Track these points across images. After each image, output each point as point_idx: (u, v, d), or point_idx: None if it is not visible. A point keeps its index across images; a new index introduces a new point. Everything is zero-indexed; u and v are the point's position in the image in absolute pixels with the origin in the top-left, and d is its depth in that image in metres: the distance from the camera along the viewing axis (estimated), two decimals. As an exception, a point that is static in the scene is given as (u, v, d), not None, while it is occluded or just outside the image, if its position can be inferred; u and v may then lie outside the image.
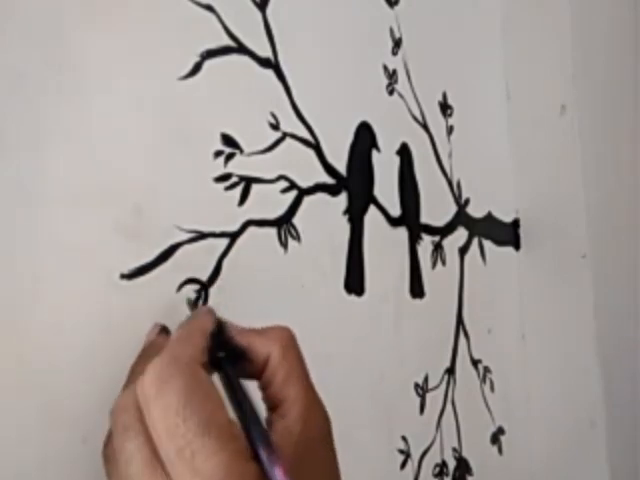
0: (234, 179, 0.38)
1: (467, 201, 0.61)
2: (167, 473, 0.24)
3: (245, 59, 0.40)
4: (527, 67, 0.67)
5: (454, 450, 0.55)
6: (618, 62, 0.64)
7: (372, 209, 0.49)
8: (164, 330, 0.32)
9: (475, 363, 0.59)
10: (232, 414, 0.26)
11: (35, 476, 0.29)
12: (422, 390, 0.52)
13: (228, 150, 0.38)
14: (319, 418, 0.29)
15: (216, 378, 0.28)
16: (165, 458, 0.24)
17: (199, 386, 0.25)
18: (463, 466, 0.56)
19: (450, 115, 0.60)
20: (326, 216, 0.45)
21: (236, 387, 0.27)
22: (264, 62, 0.41)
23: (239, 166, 0.39)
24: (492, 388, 0.61)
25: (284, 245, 0.41)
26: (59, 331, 0.30)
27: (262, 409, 0.29)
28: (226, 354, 0.29)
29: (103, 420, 0.31)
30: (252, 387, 0.29)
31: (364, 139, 0.49)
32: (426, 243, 0.55)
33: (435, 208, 0.56)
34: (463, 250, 0.60)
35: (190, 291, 0.35)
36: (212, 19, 0.38)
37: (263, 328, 0.31)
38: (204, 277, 0.36)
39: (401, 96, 0.54)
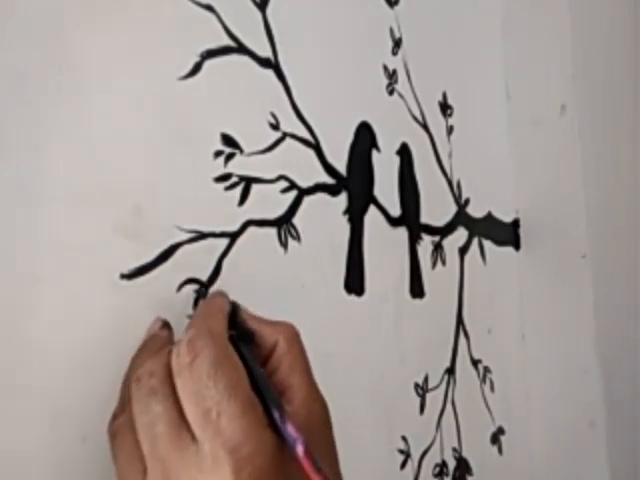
0: (234, 179, 0.38)
1: (467, 201, 0.61)
2: (192, 433, 0.26)
3: (245, 59, 0.40)
4: (527, 67, 0.67)
5: (454, 450, 0.55)
6: (618, 62, 0.64)
7: (372, 209, 0.49)
8: (166, 325, 0.33)
9: (475, 363, 0.59)
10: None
11: (35, 476, 0.29)
12: (422, 390, 0.52)
13: (228, 150, 0.38)
14: (320, 405, 0.31)
15: None
16: (192, 419, 0.26)
17: (228, 356, 0.27)
18: (463, 466, 0.56)
19: (450, 115, 0.60)
20: (326, 216, 0.45)
21: (250, 362, 0.29)
22: (264, 62, 0.41)
23: (239, 166, 0.39)
24: (492, 388, 0.61)
25: (284, 245, 0.41)
26: (59, 331, 0.30)
27: None
28: (238, 334, 0.31)
29: (103, 420, 0.31)
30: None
31: (364, 139, 0.49)
32: (426, 243, 0.55)
33: (435, 208, 0.56)
34: (463, 250, 0.60)
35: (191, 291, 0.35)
36: (212, 19, 0.38)
37: (272, 320, 0.33)
38: (204, 277, 0.36)
39: (401, 96, 0.54)
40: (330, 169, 0.46)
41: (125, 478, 0.27)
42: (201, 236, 0.36)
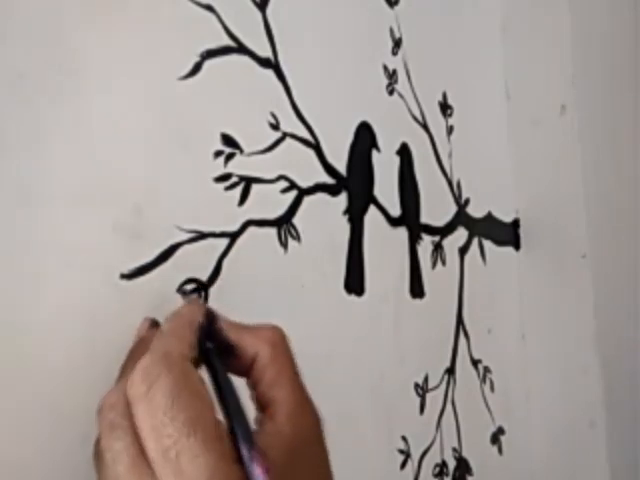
0: (234, 179, 0.38)
1: (467, 201, 0.61)
2: (153, 472, 0.24)
3: (245, 59, 0.40)
4: (527, 67, 0.67)
5: (454, 450, 0.55)
6: (618, 62, 0.64)
7: (372, 209, 0.49)
8: (154, 324, 0.31)
9: (475, 363, 0.59)
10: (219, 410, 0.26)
11: (35, 476, 0.29)
12: (422, 390, 0.52)
13: (228, 150, 0.38)
14: (309, 419, 0.29)
15: (204, 371, 0.28)
16: (151, 457, 0.24)
17: (188, 384, 0.25)
18: (463, 466, 0.56)
19: (450, 115, 0.60)
20: (326, 216, 0.45)
21: (222, 381, 0.27)
22: (264, 62, 0.41)
23: (239, 166, 0.39)
24: (492, 388, 0.61)
25: (284, 245, 0.41)
26: (59, 331, 0.30)
27: (250, 405, 0.28)
28: (214, 346, 0.29)
29: (103, 420, 0.31)
30: (241, 385, 0.29)
31: (364, 139, 0.49)
32: (426, 243, 0.55)
33: (435, 208, 0.56)
34: (463, 250, 0.60)
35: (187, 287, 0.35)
36: (212, 19, 0.38)
37: (255, 326, 0.30)
38: (204, 277, 0.36)
39: (401, 96, 0.54)
40: (330, 169, 0.46)
41: None
42: (201, 236, 0.36)
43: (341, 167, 0.47)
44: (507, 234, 0.67)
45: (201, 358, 0.28)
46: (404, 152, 0.53)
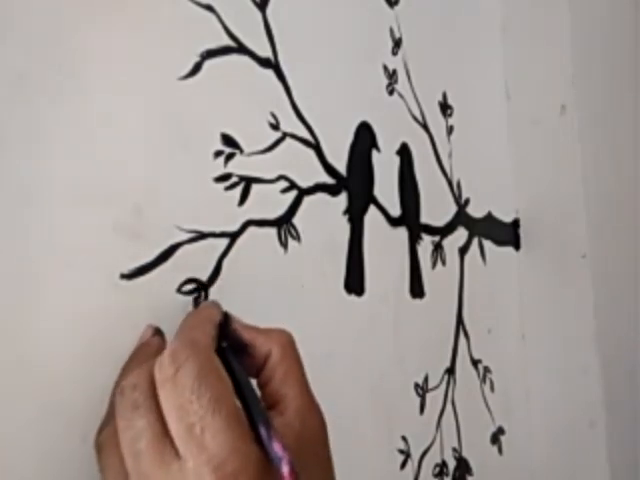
0: (234, 179, 0.38)
1: (467, 201, 0.61)
2: (176, 449, 0.25)
3: (245, 59, 0.40)
4: (527, 67, 0.67)
5: (454, 450, 0.55)
6: (618, 62, 0.64)
7: (372, 209, 0.49)
8: (157, 332, 0.32)
9: (475, 363, 0.59)
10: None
11: (35, 476, 0.29)
12: (422, 390, 0.52)
13: (228, 150, 0.38)
14: (316, 420, 0.30)
15: None
16: (175, 434, 0.25)
17: (213, 368, 0.27)
18: (463, 466, 0.56)
19: (450, 115, 0.60)
20: (326, 216, 0.45)
21: (239, 374, 0.28)
22: (264, 62, 0.41)
23: (239, 166, 0.39)
24: (492, 388, 0.61)
25: (284, 245, 0.41)
26: (59, 331, 0.30)
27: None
28: (229, 345, 0.30)
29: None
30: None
31: (364, 139, 0.49)
32: (426, 243, 0.55)
33: (435, 208, 0.56)
34: (463, 250, 0.60)
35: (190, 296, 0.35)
36: (212, 19, 0.38)
37: (266, 328, 0.32)
38: (204, 277, 0.36)
39: (401, 96, 0.54)
40: (330, 169, 0.46)
41: None
42: (201, 236, 0.36)
43: (341, 167, 0.47)
44: (507, 234, 0.67)
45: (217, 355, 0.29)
46: (404, 152, 0.53)
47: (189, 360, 0.26)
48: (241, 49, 0.40)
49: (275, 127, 0.41)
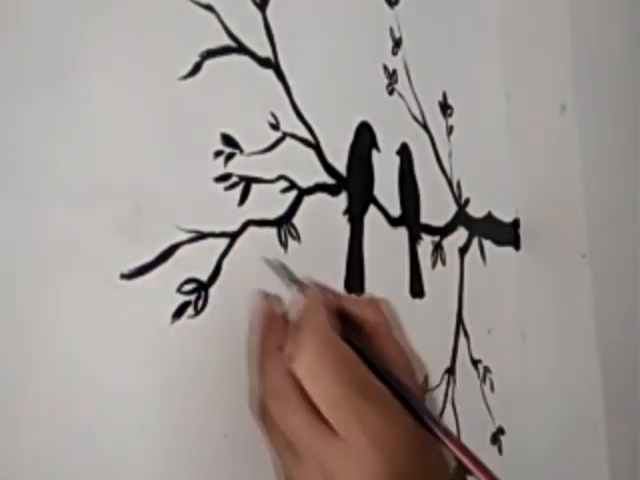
0: (234, 179, 0.38)
1: (467, 201, 0.61)
2: (332, 428, 0.28)
3: (245, 59, 0.40)
4: (527, 67, 0.67)
5: (454, 450, 0.55)
6: (618, 62, 0.64)
7: (372, 209, 0.49)
8: (275, 298, 0.36)
9: (475, 363, 0.59)
10: None
11: (35, 476, 0.29)
12: (422, 390, 0.52)
13: (228, 150, 0.38)
14: (411, 374, 0.34)
15: None
16: (330, 417, 0.28)
17: (349, 359, 0.30)
18: (463, 466, 0.56)
19: (450, 115, 0.60)
20: (326, 216, 0.45)
21: (370, 357, 0.31)
22: (264, 62, 0.41)
23: (239, 166, 0.39)
24: (492, 388, 0.61)
25: (284, 245, 0.41)
26: (59, 331, 0.30)
27: None
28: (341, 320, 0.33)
29: (103, 419, 0.31)
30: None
31: (364, 139, 0.49)
32: (426, 243, 0.55)
33: (435, 208, 0.56)
34: (463, 250, 0.60)
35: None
36: (212, 19, 0.38)
37: (361, 297, 0.38)
38: (204, 277, 0.36)
39: (401, 96, 0.54)
40: (330, 169, 0.46)
41: (281, 459, 0.30)
42: (201, 236, 0.36)
43: (341, 167, 0.47)
44: (507, 234, 0.67)
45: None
46: (404, 152, 0.53)
47: (328, 358, 0.29)
48: (241, 49, 0.40)
49: (275, 127, 0.41)
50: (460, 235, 0.60)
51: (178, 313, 0.35)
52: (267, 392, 0.30)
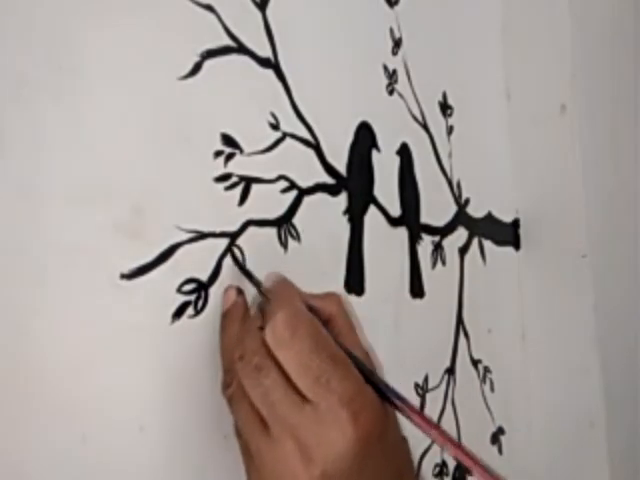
0: (234, 179, 0.38)
1: (467, 201, 0.61)
2: (302, 395, 0.30)
3: (245, 59, 0.40)
4: (527, 67, 0.67)
5: (454, 450, 0.55)
6: (618, 62, 0.64)
7: (372, 209, 0.49)
8: (240, 291, 0.37)
9: (475, 363, 0.59)
10: None
11: (35, 475, 0.29)
12: (422, 390, 0.52)
13: (228, 150, 0.38)
14: (367, 355, 0.36)
15: None
16: (302, 385, 0.30)
17: (318, 330, 0.32)
18: (463, 466, 0.56)
19: (450, 115, 0.60)
20: (326, 216, 0.45)
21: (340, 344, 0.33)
22: (264, 62, 0.41)
23: (239, 166, 0.39)
24: (492, 388, 0.61)
25: (284, 245, 0.41)
26: (59, 331, 0.30)
27: None
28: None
29: (103, 419, 0.31)
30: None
31: (364, 139, 0.49)
32: (426, 243, 0.55)
33: (435, 208, 0.56)
34: (463, 250, 0.60)
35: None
36: (212, 19, 0.38)
37: (321, 294, 0.37)
38: (204, 277, 0.36)
39: (401, 96, 0.54)
40: (330, 169, 0.46)
41: (247, 433, 0.31)
42: (201, 236, 0.36)
43: (341, 167, 0.47)
44: (507, 234, 0.67)
45: None
46: (404, 152, 0.53)
47: (301, 325, 0.31)
48: (241, 49, 0.40)
49: (275, 127, 0.41)
50: (460, 235, 0.60)
51: (178, 313, 0.35)
52: (241, 366, 0.31)
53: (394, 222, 0.51)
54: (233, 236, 0.38)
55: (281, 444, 0.29)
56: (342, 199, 0.47)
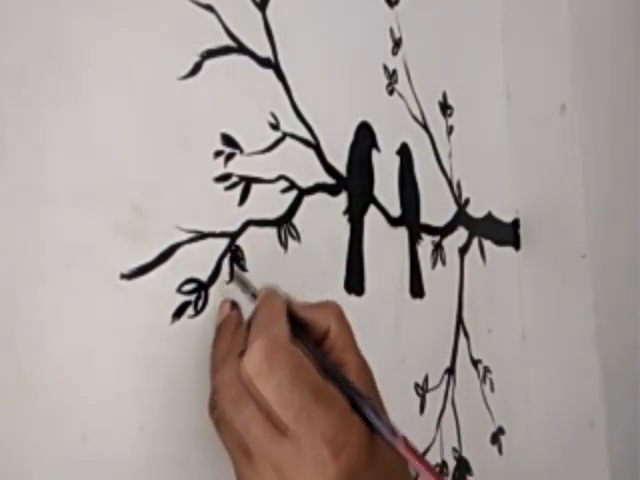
0: (234, 179, 0.38)
1: (467, 201, 0.61)
2: (282, 427, 0.28)
3: (245, 59, 0.40)
4: (527, 67, 0.67)
5: (454, 450, 0.55)
6: (618, 62, 0.64)
7: (372, 209, 0.49)
8: (235, 305, 0.36)
9: (475, 363, 0.59)
10: None
11: (35, 475, 0.29)
12: (422, 390, 0.52)
13: (228, 150, 0.38)
14: (369, 375, 0.34)
15: None
16: (283, 418, 0.28)
17: (299, 361, 0.30)
18: (463, 466, 0.56)
19: (450, 115, 0.60)
20: (326, 216, 0.45)
21: (320, 357, 0.32)
22: (264, 62, 0.41)
23: (239, 166, 0.39)
24: (492, 388, 0.61)
25: (284, 245, 0.41)
26: (59, 331, 0.30)
27: None
28: (293, 327, 0.33)
29: (103, 419, 0.31)
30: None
31: (364, 139, 0.49)
32: (426, 243, 0.55)
33: (435, 208, 0.56)
34: (463, 250, 0.60)
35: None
36: (212, 19, 0.38)
37: (317, 303, 0.35)
38: (204, 277, 0.36)
39: (401, 96, 0.54)
40: (330, 169, 0.46)
41: (233, 457, 0.30)
42: (201, 236, 0.36)
43: (341, 167, 0.47)
44: (507, 234, 0.67)
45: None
46: (404, 152, 0.53)
47: (278, 357, 0.29)
48: (241, 49, 0.40)
49: (275, 127, 0.41)
50: (460, 235, 0.60)
51: (178, 313, 0.35)
52: (221, 392, 0.30)
53: (394, 222, 0.51)
54: (233, 236, 0.38)
55: (262, 474, 0.29)
56: (342, 199, 0.47)
